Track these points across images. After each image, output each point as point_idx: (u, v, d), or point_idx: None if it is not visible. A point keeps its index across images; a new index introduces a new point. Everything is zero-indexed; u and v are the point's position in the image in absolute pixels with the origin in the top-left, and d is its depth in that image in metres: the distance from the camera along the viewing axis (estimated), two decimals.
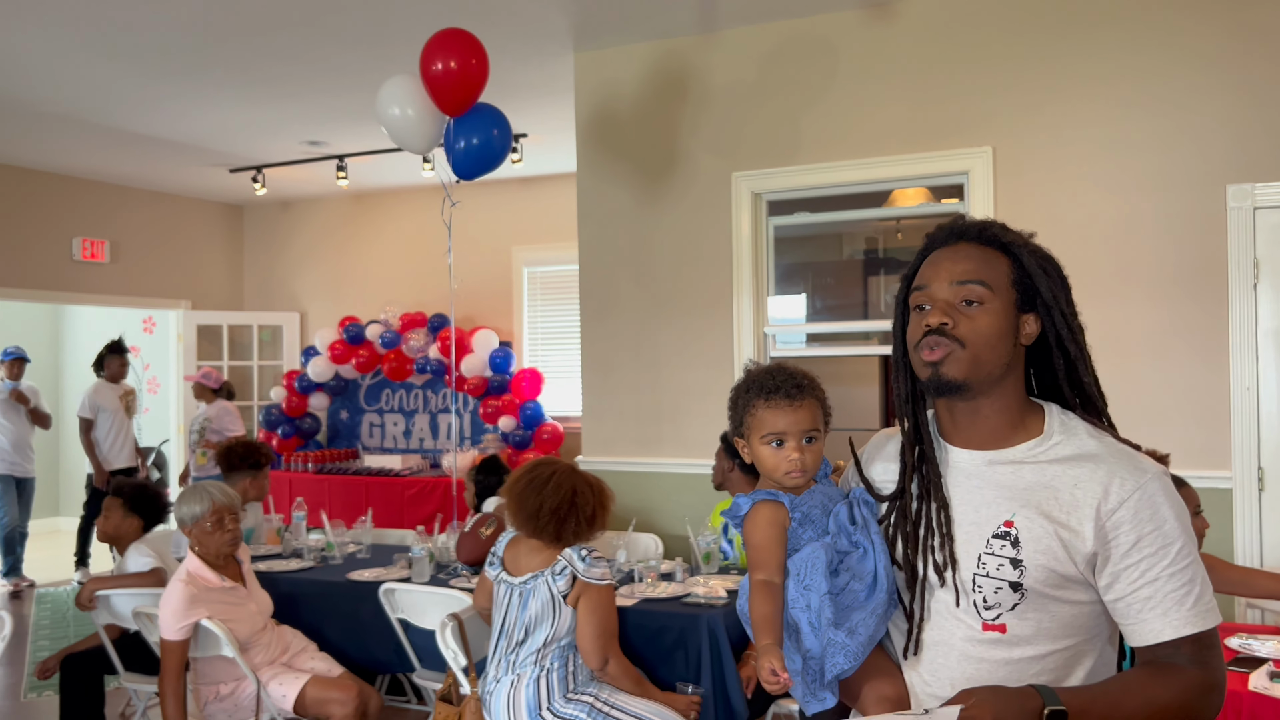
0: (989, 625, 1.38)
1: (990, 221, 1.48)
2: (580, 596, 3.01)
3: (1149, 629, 1.34)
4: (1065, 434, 1.43)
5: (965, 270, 1.41)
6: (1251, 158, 3.87)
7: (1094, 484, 1.36)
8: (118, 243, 8.40)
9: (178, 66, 5.28)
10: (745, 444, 1.64)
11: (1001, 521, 1.39)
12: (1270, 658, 2.77)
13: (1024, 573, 1.36)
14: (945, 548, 1.42)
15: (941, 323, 1.40)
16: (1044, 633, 1.38)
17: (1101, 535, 1.34)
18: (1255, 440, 3.86)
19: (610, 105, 5.01)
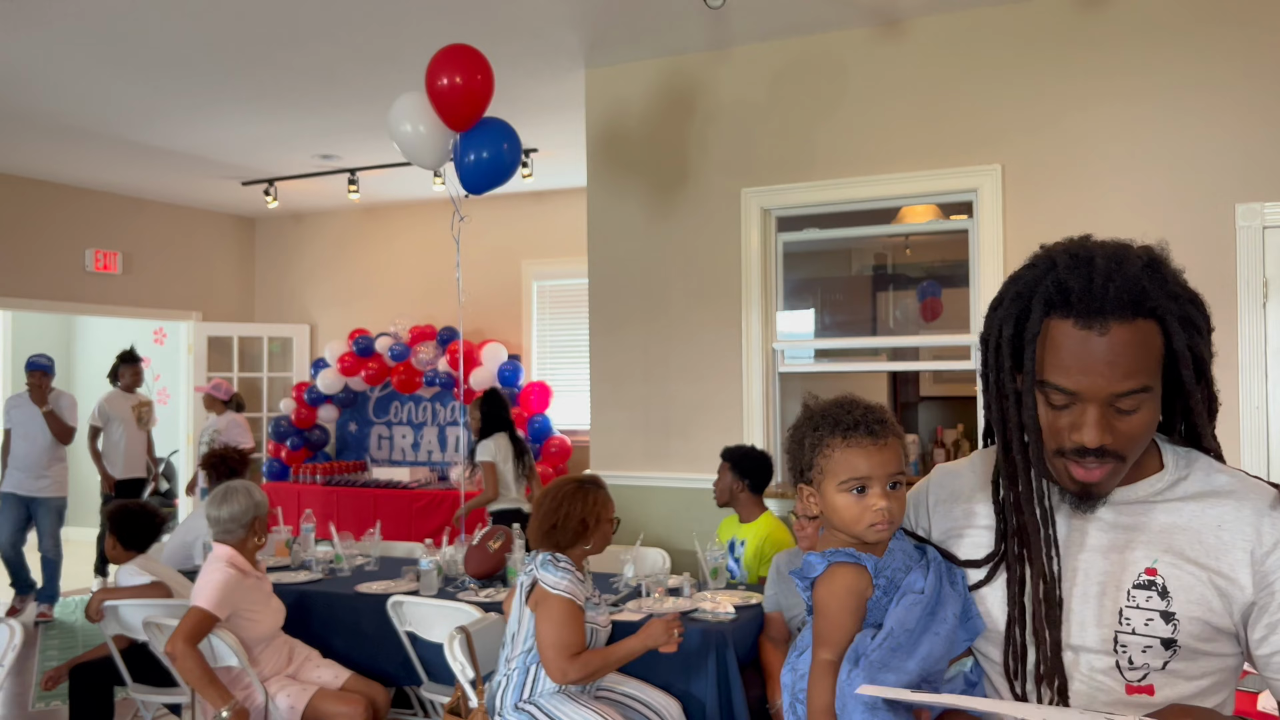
0: (1134, 688, 1.22)
1: (1137, 274, 1.19)
2: (538, 603, 3.04)
3: None
4: (1188, 468, 1.26)
5: (1127, 375, 1.16)
6: (1261, 177, 3.87)
7: (1242, 524, 1.20)
8: (130, 254, 8.45)
9: (191, 80, 5.33)
10: (813, 492, 1.38)
11: (1142, 570, 1.22)
12: None
13: (1177, 627, 1.19)
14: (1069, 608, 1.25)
15: (1102, 444, 1.18)
16: (1194, 691, 1.22)
17: (1260, 581, 1.19)
18: (1265, 459, 3.85)
19: (620, 121, 5.04)
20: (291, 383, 9.09)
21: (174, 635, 3.25)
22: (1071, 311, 1.19)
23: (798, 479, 1.41)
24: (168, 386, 9.81)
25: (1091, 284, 1.18)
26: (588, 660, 3.01)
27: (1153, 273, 1.20)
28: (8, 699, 5.08)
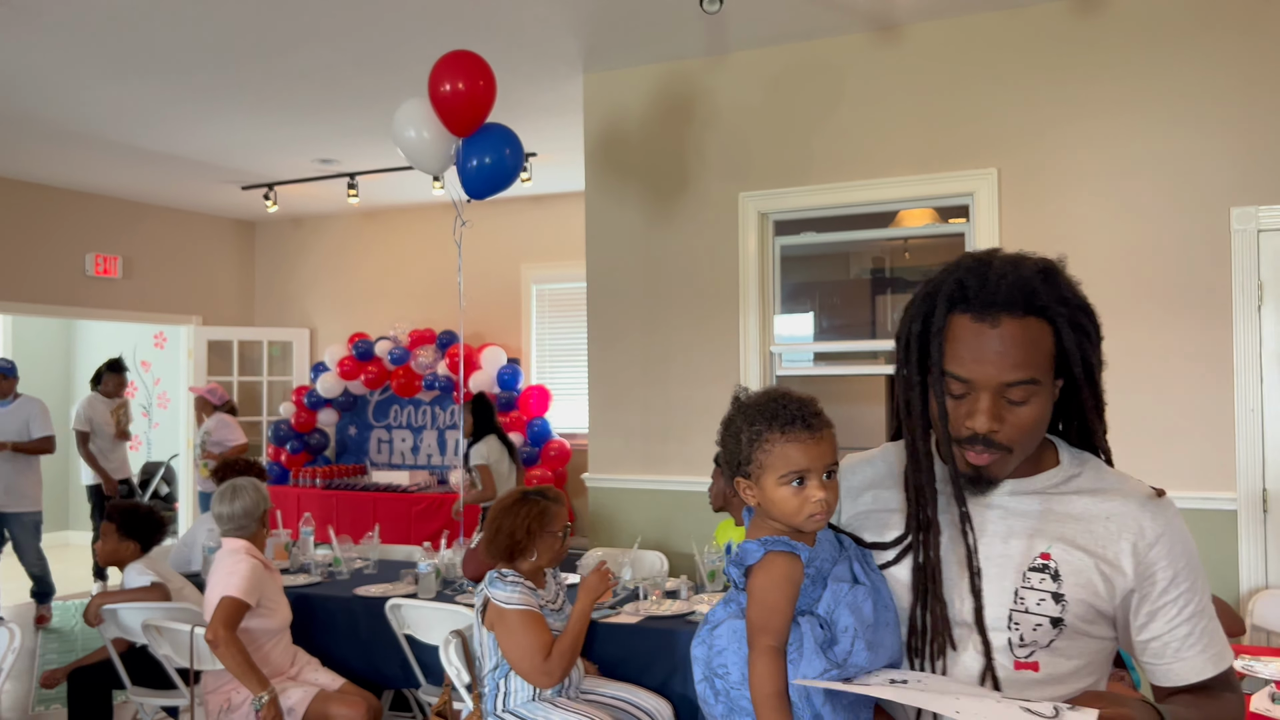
0: (1021, 664, 1.31)
1: (1029, 278, 1.29)
2: (495, 622, 3.08)
3: (1189, 667, 1.30)
4: (1081, 467, 1.38)
5: (1015, 367, 1.27)
6: (1256, 181, 3.89)
7: (1126, 519, 1.31)
8: (130, 258, 8.47)
9: (191, 84, 5.35)
10: (751, 485, 1.42)
11: (1037, 554, 1.31)
12: (1272, 679, 2.77)
13: (1065, 607, 1.29)
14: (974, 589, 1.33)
15: (990, 432, 1.28)
16: (1074, 670, 1.32)
17: (1141, 572, 1.30)
18: (1260, 462, 3.87)
19: (619, 126, 5.06)
20: (291, 386, 9.11)
21: (212, 623, 3.32)
22: (969, 307, 1.29)
23: (734, 473, 1.44)
24: (168, 391, 9.83)
25: (986, 281, 1.28)
26: (560, 651, 3.05)
27: (1045, 277, 1.29)
28: (8, 702, 5.09)
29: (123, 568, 4.03)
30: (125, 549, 3.98)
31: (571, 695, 3.19)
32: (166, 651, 3.58)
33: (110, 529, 3.99)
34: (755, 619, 1.35)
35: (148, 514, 4.07)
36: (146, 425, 10.01)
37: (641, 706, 3.23)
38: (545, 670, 3.02)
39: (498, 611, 3.07)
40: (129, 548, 3.99)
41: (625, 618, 3.57)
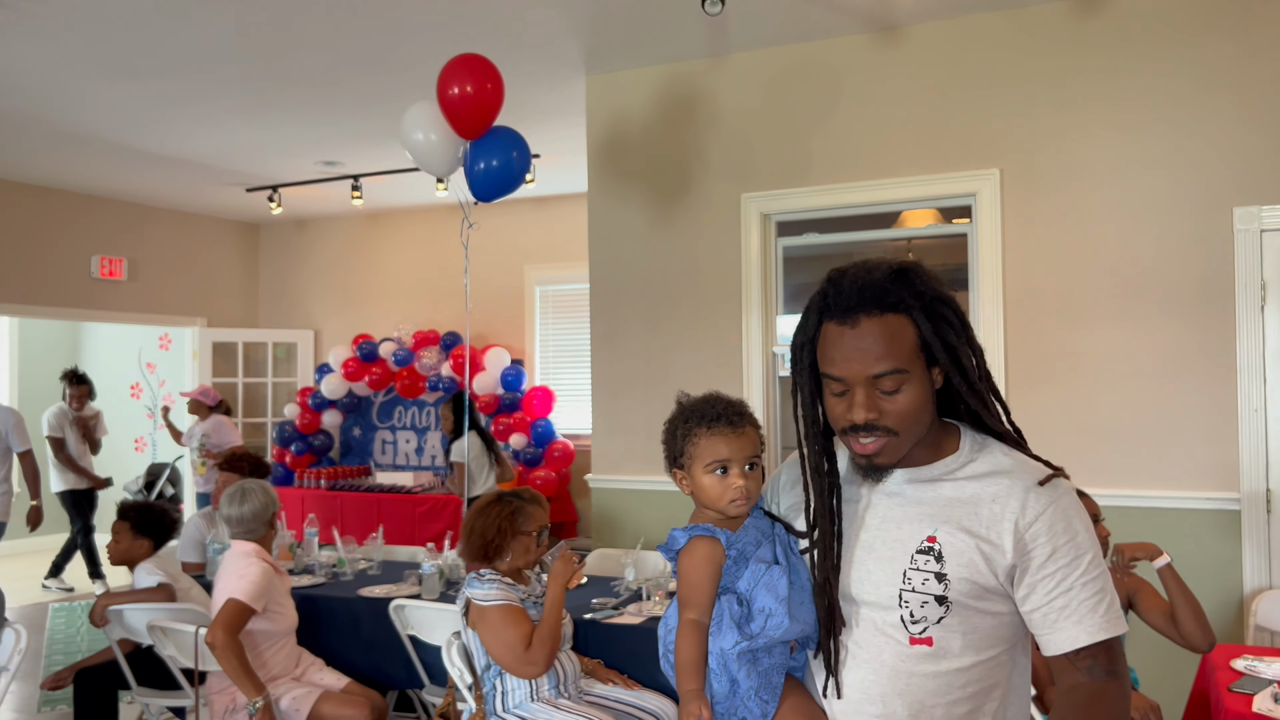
0: (916, 639, 1.42)
1: (883, 278, 1.43)
2: (477, 620, 3.11)
3: (1065, 636, 1.40)
4: (979, 451, 1.48)
5: (878, 360, 1.40)
6: (1258, 180, 3.88)
7: (1011, 499, 1.41)
8: (135, 260, 8.50)
9: (196, 87, 5.37)
10: (684, 475, 1.62)
11: (924, 537, 1.43)
12: (1275, 679, 2.77)
13: (948, 586, 1.41)
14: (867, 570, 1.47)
15: (869, 420, 1.41)
16: (969, 645, 1.43)
17: (1020, 548, 1.40)
18: (1264, 462, 3.86)
19: (621, 127, 5.07)
20: (296, 388, 9.13)
21: (213, 625, 3.33)
22: (832, 314, 1.45)
23: (671, 465, 1.66)
24: (173, 393, 9.85)
25: (842, 289, 1.44)
26: (539, 639, 3.06)
27: (898, 277, 1.43)
28: (15, 703, 5.11)
29: (133, 567, 4.04)
30: (139, 547, 4.00)
31: (571, 694, 3.20)
32: (171, 652, 3.60)
33: (124, 527, 4.00)
34: (682, 596, 1.55)
35: (161, 513, 4.09)
36: (152, 427, 10.04)
37: (645, 707, 3.23)
38: (528, 660, 3.05)
39: (479, 610, 3.11)
40: (142, 546, 4.01)
41: (628, 618, 3.58)
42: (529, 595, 3.21)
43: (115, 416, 10.16)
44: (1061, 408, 4.15)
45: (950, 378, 1.46)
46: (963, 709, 1.43)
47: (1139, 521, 4.00)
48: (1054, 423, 4.13)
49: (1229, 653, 3.03)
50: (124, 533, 3.99)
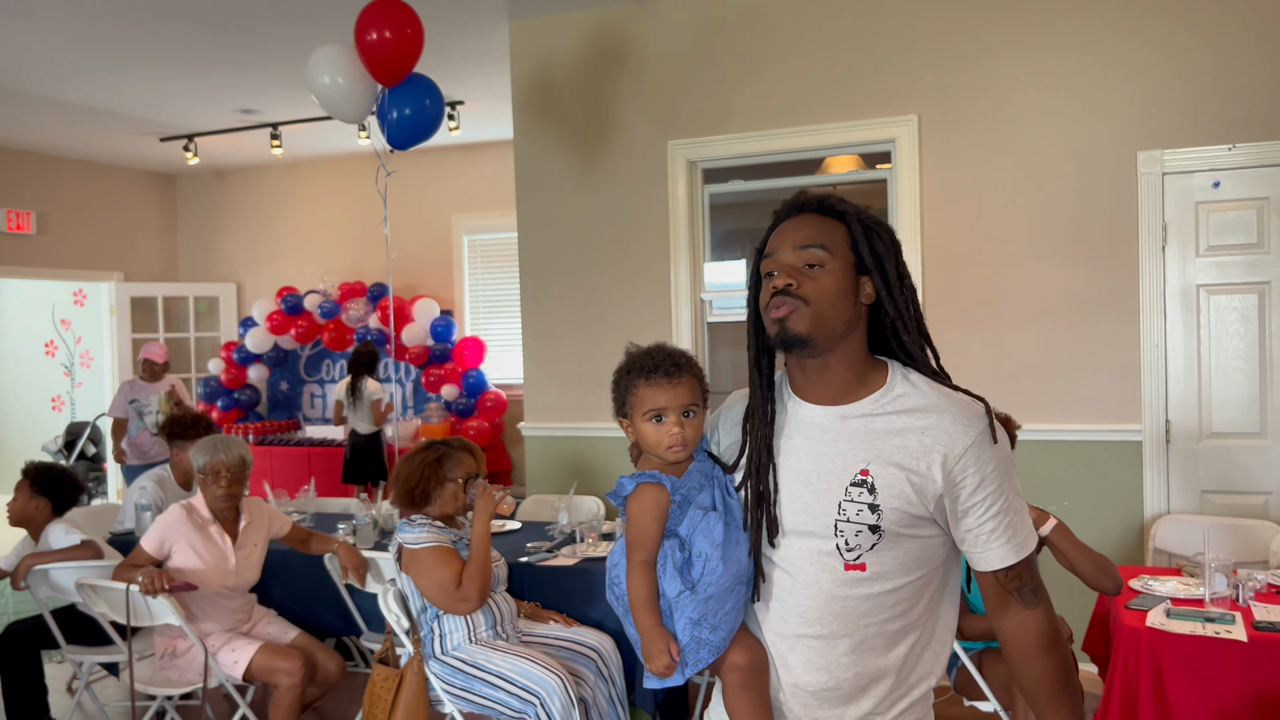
0: (850, 565, 1.52)
1: (828, 194, 1.60)
2: (409, 564, 3.19)
3: (994, 555, 1.52)
4: (908, 386, 1.56)
5: (807, 236, 1.54)
6: (1161, 125, 4.04)
7: (939, 432, 1.50)
8: (45, 214, 8.21)
9: (104, 32, 5.18)
10: (629, 423, 1.70)
11: (858, 470, 1.52)
12: (1168, 597, 2.97)
13: (881, 516, 1.50)
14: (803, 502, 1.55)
15: (787, 284, 1.51)
16: (899, 568, 1.53)
17: (949, 479, 1.49)
18: (1163, 395, 4.07)
19: (547, 74, 5.04)
20: (219, 343, 8.97)
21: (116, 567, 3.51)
22: (784, 216, 1.61)
23: (618, 412, 1.73)
24: (90, 349, 9.60)
25: (793, 201, 1.61)
26: (469, 576, 3.14)
27: (843, 200, 1.59)
28: None
29: (33, 529, 3.96)
30: (35, 507, 3.92)
31: (508, 635, 3.28)
32: (103, 609, 3.58)
33: (23, 485, 3.93)
34: (631, 539, 1.62)
35: (61, 474, 4.00)
36: (70, 385, 9.79)
37: (584, 643, 3.33)
38: (461, 597, 3.12)
39: (410, 554, 3.18)
40: (40, 507, 3.93)
41: (563, 560, 3.66)
42: (461, 538, 3.27)
43: (29, 375, 9.87)
44: (977, 346, 4.30)
45: (875, 285, 1.56)
46: (895, 625, 1.54)
47: (1050, 454, 4.20)
48: (971, 361, 4.29)
49: (1128, 574, 3.23)
50: (23, 490, 3.93)
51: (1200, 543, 3.09)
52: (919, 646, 1.57)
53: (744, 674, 1.58)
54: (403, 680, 3.17)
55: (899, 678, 1.56)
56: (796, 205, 1.60)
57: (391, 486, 3.34)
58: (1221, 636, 2.63)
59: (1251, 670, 2.60)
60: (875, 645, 1.54)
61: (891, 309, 1.56)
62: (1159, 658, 2.68)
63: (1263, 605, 2.84)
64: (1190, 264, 4.03)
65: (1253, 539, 3.67)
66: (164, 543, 3.57)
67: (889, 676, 1.55)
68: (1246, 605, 2.86)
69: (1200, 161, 3.98)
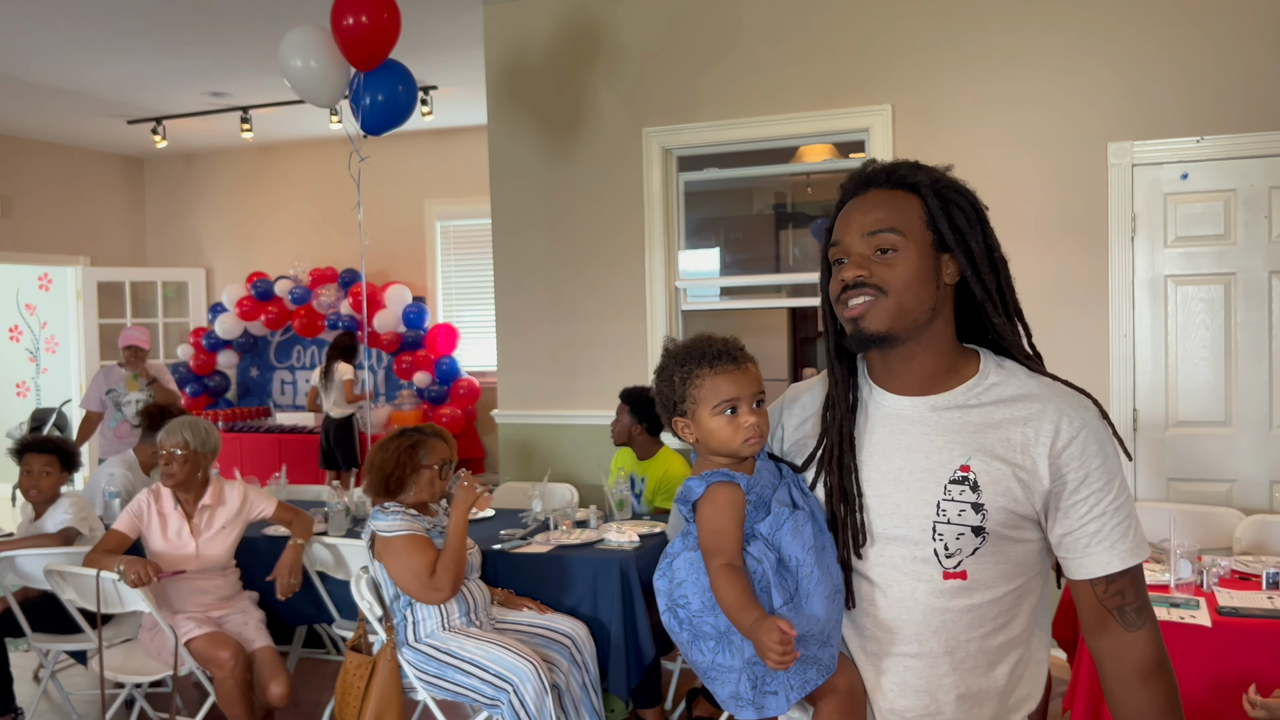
0: (950, 574, 1.36)
1: (900, 163, 1.43)
2: (381, 552, 3.18)
3: (1097, 561, 1.37)
4: (1003, 374, 1.42)
5: (876, 220, 1.38)
6: (1131, 117, 4.08)
7: (1044, 422, 1.36)
8: (9, 197, 8.07)
9: (72, 10, 5.09)
10: (688, 422, 1.49)
11: (958, 466, 1.37)
12: None
13: (986, 516, 1.35)
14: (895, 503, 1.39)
15: (858, 276, 1.36)
16: (1001, 574, 1.38)
17: (1055, 472, 1.35)
18: (1131, 383, 4.13)
19: (521, 59, 5.01)
20: (188, 328, 8.87)
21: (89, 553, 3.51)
22: (853, 193, 1.44)
23: (671, 414, 1.52)
24: (56, 334, 9.46)
25: (860, 173, 1.44)
26: (443, 565, 3.13)
27: (916, 166, 1.43)
28: None
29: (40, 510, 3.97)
30: (64, 480, 4.03)
31: (481, 623, 3.27)
32: (71, 596, 3.54)
33: (54, 462, 3.98)
34: (707, 544, 1.43)
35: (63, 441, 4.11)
36: (35, 370, 9.64)
37: (558, 630, 3.33)
38: (434, 586, 3.11)
39: (383, 542, 3.17)
40: (66, 479, 4.05)
41: (536, 547, 3.66)
42: (434, 526, 3.26)
43: None
44: None
45: (959, 263, 1.40)
46: (997, 640, 1.39)
47: None
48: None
49: None
50: (55, 468, 3.99)
51: (1166, 530, 3.14)
52: (1020, 665, 1.42)
53: (842, 698, 1.40)
54: (375, 668, 3.16)
55: (1001, 699, 1.41)
56: (863, 180, 1.42)
57: (365, 474, 3.32)
58: (1186, 622, 2.67)
59: (1215, 655, 2.65)
60: (977, 663, 1.39)
61: (979, 289, 1.41)
62: None
63: (1226, 591, 2.90)
64: (1159, 255, 4.08)
65: (1217, 526, 3.73)
66: (135, 525, 3.59)
67: (992, 699, 1.40)
68: (1211, 591, 2.90)
69: (1169, 153, 4.03)
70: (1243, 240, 3.98)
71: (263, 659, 3.53)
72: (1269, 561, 3.12)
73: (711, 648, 1.42)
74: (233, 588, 3.76)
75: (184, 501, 3.67)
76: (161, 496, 3.67)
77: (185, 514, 3.66)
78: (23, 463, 3.99)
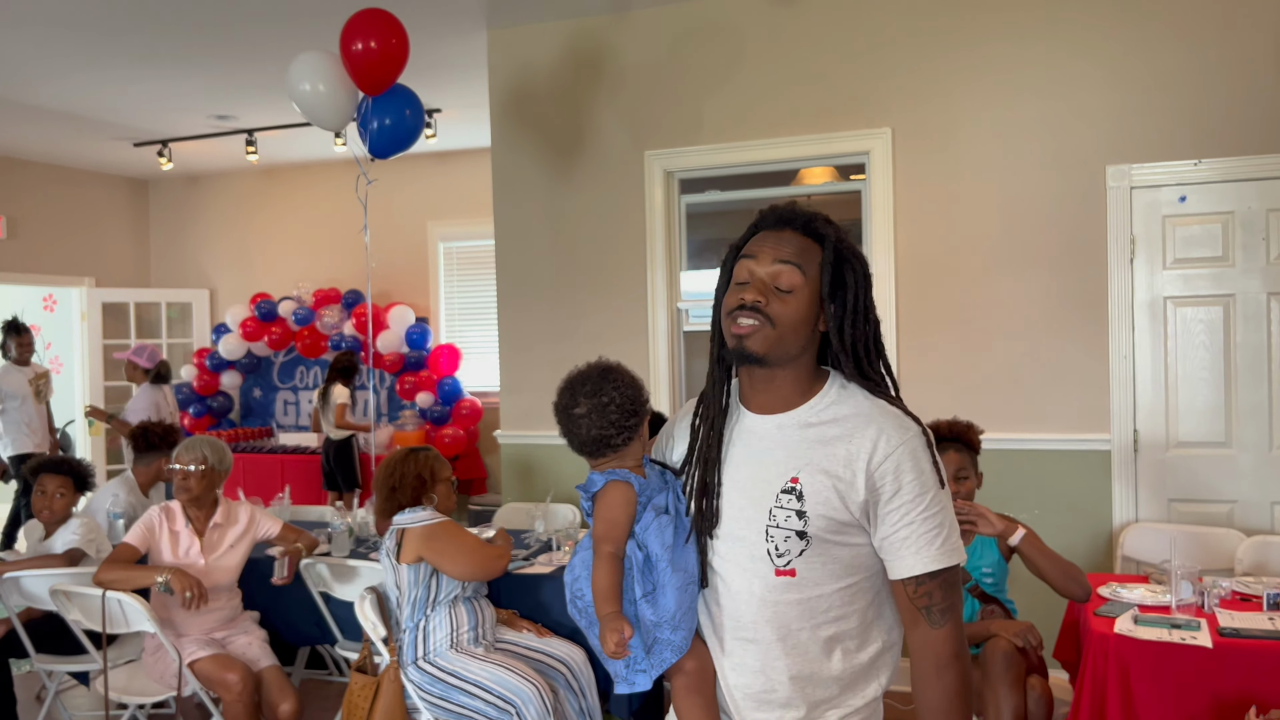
0: (781, 571, 1.56)
1: (817, 214, 1.62)
2: (421, 546, 3.19)
3: (905, 564, 1.55)
4: (843, 395, 1.60)
5: (791, 253, 1.57)
6: (1129, 140, 4.12)
7: (865, 440, 1.54)
8: (15, 218, 8.13)
9: (78, 36, 5.15)
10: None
11: (789, 478, 1.57)
12: (1136, 603, 3.02)
13: (808, 522, 1.54)
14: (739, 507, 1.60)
15: (756, 300, 1.54)
16: (829, 574, 1.57)
17: (870, 484, 1.53)
18: (1131, 405, 4.14)
19: (524, 83, 5.06)
20: (192, 349, 8.90)
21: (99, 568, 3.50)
22: (768, 224, 1.63)
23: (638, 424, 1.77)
24: (60, 355, 9.49)
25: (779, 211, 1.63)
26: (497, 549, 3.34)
27: (828, 221, 1.62)
28: None
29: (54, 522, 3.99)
30: (76, 500, 4.07)
31: (486, 642, 3.28)
32: (76, 616, 3.55)
33: (68, 484, 4.01)
34: (599, 532, 1.66)
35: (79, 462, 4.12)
36: None
37: (555, 654, 3.34)
38: (495, 554, 3.26)
39: (421, 534, 3.17)
40: (78, 500, 4.08)
41: (539, 568, 3.67)
42: None
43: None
44: (949, 356, 4.36)
45: (829, 315, 1.58)
46: (828, 630, 1.58)
47: (1019, 463, 4.26)
48: (942, 371, 4.35)
49: (1097, 581, 3.28)
50: (69, 489, 4.01)
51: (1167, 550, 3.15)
52: (860, 654, 1.60)
53: (691, 677, 1.63)
54: (380, 688, 3.17)
55: (839, 685, 1.59)
56: (783, 218, 1.61)
57: (390, 489, 3.31)
58: (1187, 643, 2.68)
59: (1216, 676, 2.65)
60: (809, 651, 1.58)
61: (836, 341, 1.59)
62: (1126, 663, 2.73)
63: (1227, 612, 2.90)
64: (1158, 276, 4.10)
65: (1218, 547, 3.74)
66: (146, 539, 3.61)
67: (826, 683, 1.59)
68: (1212, 612, 2.91)
69: (1167, 176, 4.06)
70: (1241, 262, 4.01)
71: (270, 679, 3.53)
72: (1270, 582, 3.12)
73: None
74: (235, 609, 3.77)
75: (195, 519, 3.69)
76: (173, 514, 3.68)
77: (196, 531, 3.67)
78: (37, 483, 4.00)
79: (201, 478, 3.64)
